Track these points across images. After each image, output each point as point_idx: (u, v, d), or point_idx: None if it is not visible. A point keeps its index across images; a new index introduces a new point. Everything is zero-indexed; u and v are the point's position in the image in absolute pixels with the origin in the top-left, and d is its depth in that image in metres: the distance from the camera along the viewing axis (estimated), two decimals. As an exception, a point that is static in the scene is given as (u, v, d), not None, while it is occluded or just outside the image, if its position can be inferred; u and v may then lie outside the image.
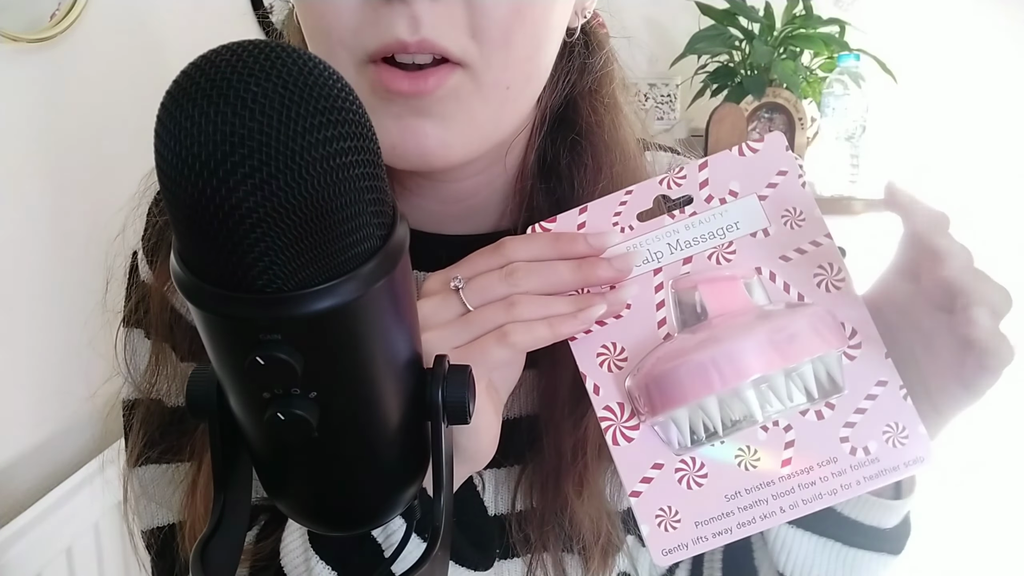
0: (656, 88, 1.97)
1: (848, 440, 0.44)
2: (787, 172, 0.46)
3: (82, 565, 1.08)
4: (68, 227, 1.10)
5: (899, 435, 0.44)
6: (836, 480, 0.44)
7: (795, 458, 0.45)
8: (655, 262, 0.47)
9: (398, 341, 0.31)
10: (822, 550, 0.53)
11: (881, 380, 0.45)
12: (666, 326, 0.46)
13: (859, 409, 0.45)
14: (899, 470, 0.44)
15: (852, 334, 0.45)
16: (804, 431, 0.45)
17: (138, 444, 0.59)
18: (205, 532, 0.32)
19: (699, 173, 0.47)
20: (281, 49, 0.24)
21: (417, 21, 0.42)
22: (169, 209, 0.25)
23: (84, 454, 1.14)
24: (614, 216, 0.47)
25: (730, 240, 0.46)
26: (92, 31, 1.12)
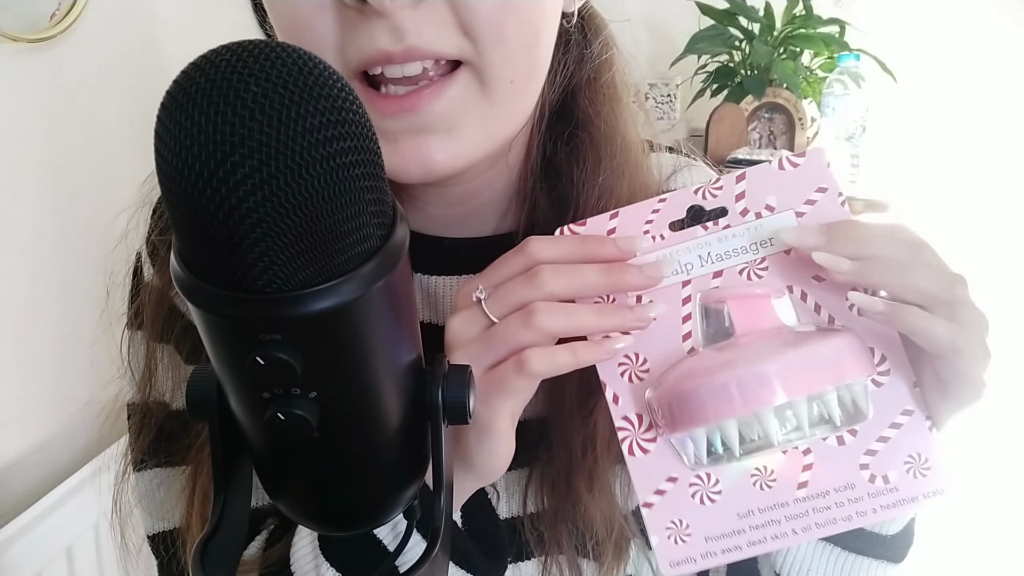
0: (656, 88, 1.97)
1: (868, 468, 0.44)
2: (827, 189, 0.45)
3: (82, 565, 1.08)
4: (68, 227, 1.10)
5: (921, 466, 0.43)
6: (852, 507, 0.44)
7: (812, 481, 0.44)
8: (684, 274, 0.46)
9: (398, 341, 0.31)
10: (821, 554, 0.53)
11: (907, 409, 0.44)
12: (691, 340, 0.45)
13: (882, 437, 0.44)
14: (917, 501, 0.43)
15: (881, 360, 0.44)
16: (823, 455, 0.44)
17: (140, 447, 0.58)
18: (205, 532, 0.32)
19: (736, 185, 0.46)
20: (281, 49, 0.24)
21: (400, 30, 0.40)
22: (169, 209, 0.25)
23: (83, 455, 1.14)
24: (645, 224, 0.46)
25: (763, 256, 0.45)
26: (92, 31, 1.12)
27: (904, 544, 0.52)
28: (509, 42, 0.43)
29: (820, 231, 0.41)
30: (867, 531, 0.51)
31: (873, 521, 0.44)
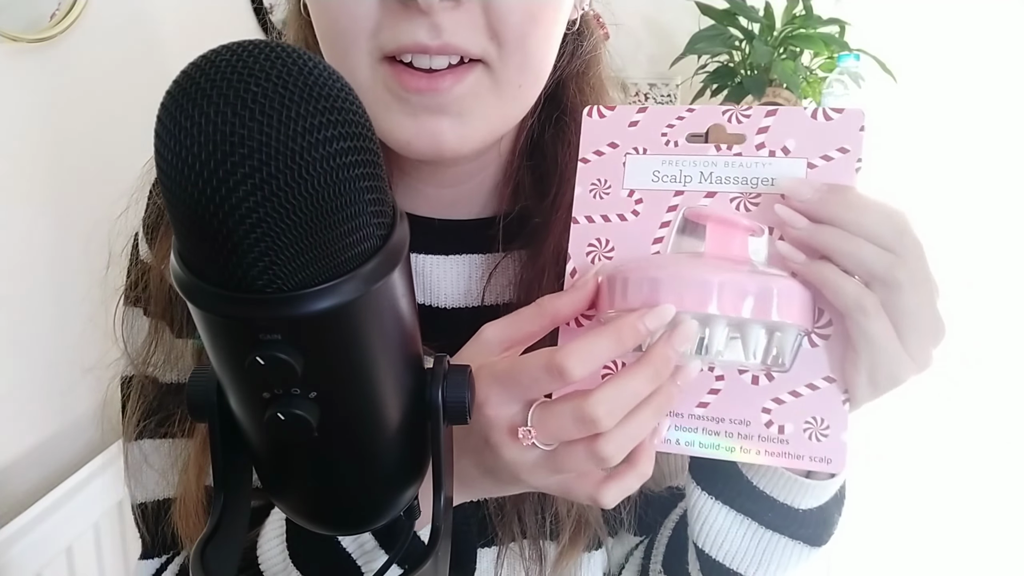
0: (656, 88, 1.97)
1: (769, 413, 0.45)
2: (848, 152, 0.44)
3: (82, 565, 1.08)
4: (68, 227, 1.10)
5: (820, 430, 0.44)
6: (739, 441, 0.45)
7: (713, 404, 0.45)
8: (681, 184, 0.47)
9: (398, 341, 0.31)
10: (737, 527, 0.53)
11: (829, 377, 0.44)
12: (660, 245, 0.46)
13: (795, 392, 0.44)
14: (802, 460, 0.44)
15: (826, 324, 0.44)
16: (733, 387, 0.45)
17: (133, 418, 0.60)
18: (205, 532, 0.32)
19: (763, 119, 0.46)
20: (281, 49, 0.24)
21: (438, 28, 0.44)
22: (169, 209, 0.25)
23: (84, 454, 1.14)
24: (666, 127, 0.47)
25: (759, 192, 0.45)
26: (92, 31, 1.12)
27: (819, 524, 0.52)
28: (528, 52, 0.47)
29: (816, 190, 0.42)
30: (778, 502, 0.51)
31: (752, 461, 0.44)
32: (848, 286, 0.41)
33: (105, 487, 1.11)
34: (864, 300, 0.41)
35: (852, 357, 0.43)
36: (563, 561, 0.58)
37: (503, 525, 0.56)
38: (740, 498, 0.52)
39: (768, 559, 0.53)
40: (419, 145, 0.48)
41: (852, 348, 0.42)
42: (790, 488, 0.50)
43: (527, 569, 0.57)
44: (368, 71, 0.46)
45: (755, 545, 0.53)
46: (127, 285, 0.61)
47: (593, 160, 0.48)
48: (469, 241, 0.59)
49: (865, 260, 0.41)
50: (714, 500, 0.53)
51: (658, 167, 0.47)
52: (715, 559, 0.54)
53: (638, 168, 0.47)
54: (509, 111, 0.50)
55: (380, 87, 0.47)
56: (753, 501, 0.52)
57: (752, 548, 0.53)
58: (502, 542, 0.57)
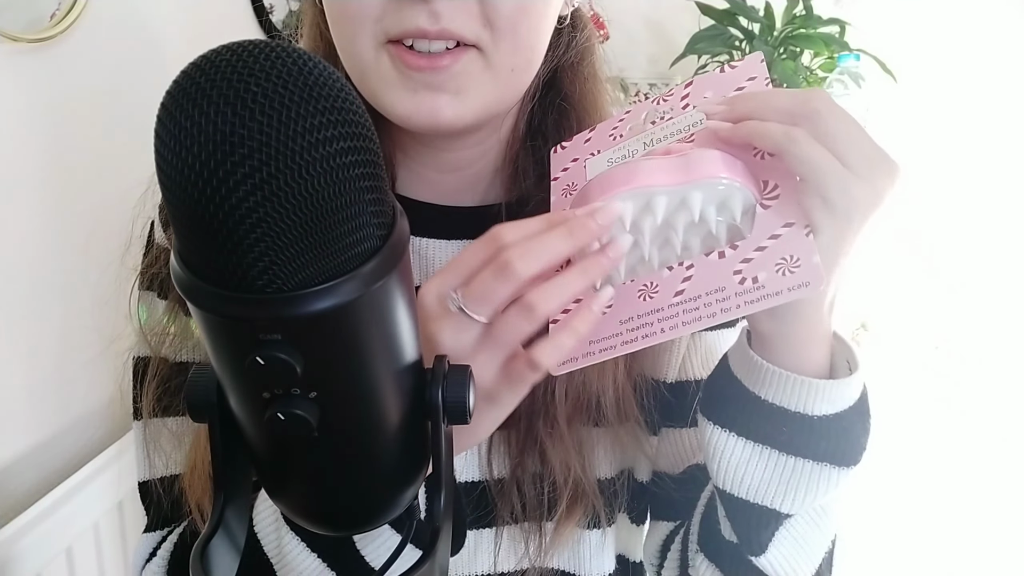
0: (656, 88, 1.97)
1: (740, 272, 0.45)
2: (756, 78, 0.50)
3: (82, 565, 1.08)
4: (68, 227, 1.10)
5: (791, 264, 0.44)
6: (718, 304, 0.45)
7: (688, 288, 0.46)
8: (629, 157, 0.51)
9: (398, 341, 0.31)
10: (756, 458, 0.50)
11: (789, 222, 0.45)
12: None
13: (760, 247, 0.45)
14: (782, 295, 0.44)
15: (774, 188, 0.46)
16: (703, 267, 0.47)
17: (150, 397, 0.62)
18: (205, 532, 0.32)
19: (683, 90, 0.53)
20: (281, 49, 0.24)
21: (437, 15, 0.48)
22: (169, 209, 0.25)
23: (84, 454, 1.14)
24: (612, 130, 0.54)
25: (692, 133, 0.49)
26: (92, 31, 1.12)
27: (840, 437, 0.48)
28: (519, 38, 0.51)
29: (723, 101, 0.47)
30: (791, 411, 0.48)
31: (735, 315, 0.44)
32: (772, 127, 0.43)
33: (105, 487, 1.11)
34: (791, 131, 0.42)
35: (802, 187, 0.43)
36: (560, 532, 0.59)
37: (503, 500, 0.58)
38: (752, 422, 0.49)
39: (794, 485, 0.49)
40: (419, 119, 0.51)
41: (801, 181, 0.43)
42: (801, 393, 0.48)
43: (527, 544, 0.59)
44: (373, 52, 0.51)
45: (778, 473, 0.49)
46: (142, 268, 0.64)
47: (562, 175, 0.55)
48: (471, 226, 0.59)
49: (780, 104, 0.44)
50: (728, 432, 0.50)
51: (610, 156, 0.52)
52: (739, 496, 0.51)
53: (596, 165, 0.52)
54: (503, 92, 0.54)
55: (384, 66, 0.51)
56: (765, 420, 0.49)
57: (775, 477, 0.49)
58: (502, 521, 0.59)
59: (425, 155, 0.60)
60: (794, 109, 0.43)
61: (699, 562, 0.57)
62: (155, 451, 0.63)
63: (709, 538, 0.56)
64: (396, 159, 0.61)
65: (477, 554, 0.60)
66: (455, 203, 0.62)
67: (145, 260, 0.64)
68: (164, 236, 0.62)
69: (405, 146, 0.60)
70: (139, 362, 0.64)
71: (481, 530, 0.60)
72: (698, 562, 0.57)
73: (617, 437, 0.61)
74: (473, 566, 0.60)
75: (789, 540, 0.51)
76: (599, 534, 0.62)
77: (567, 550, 0.61)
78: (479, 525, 0.59)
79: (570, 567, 0.62)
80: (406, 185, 0.62)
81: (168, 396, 0.61)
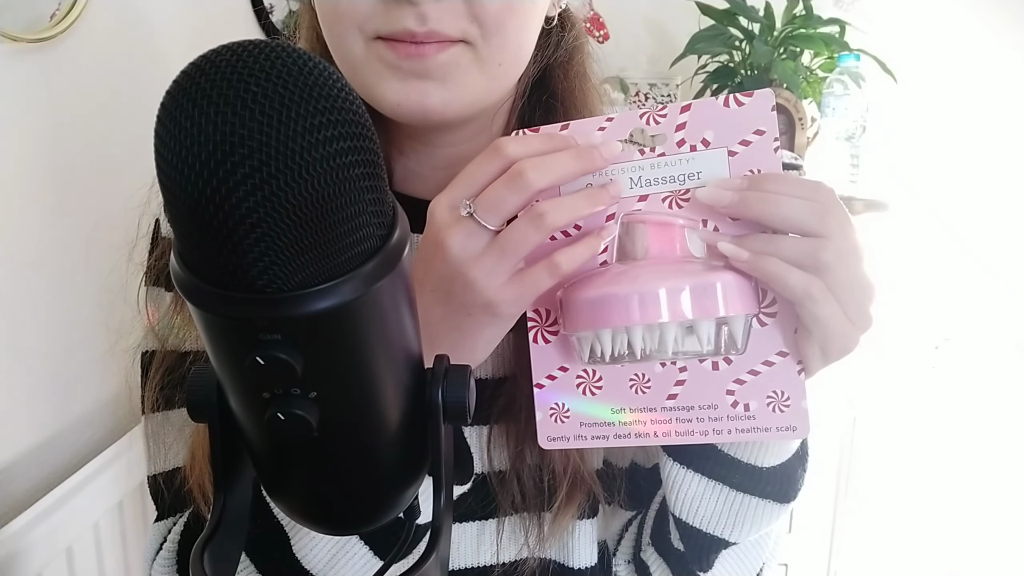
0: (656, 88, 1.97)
1: (733, 394, 0.48)
2: (764, 132, 0.47)
3: (82, 565, 1.08)
4: (69, 227, 1.10)
5: (781, 402, 0.48)
6: (711, 424, 0.48)
7: (681, 395, 0.49)
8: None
9: (398, 341, 0.31)
10: (710, 493, 0.56)
11: (782, 351, 0.48)
12: (606, 255, 0.49)
13: (753, 371, 0.48)
14: (770, 432, 0.48)
15: (771, 303, 0.47)
16: (696, 375, 0.49)
17: (153, 391, 0.63)
18: (205, 532, 0.32)
19: (679, 115, 0.48)
20: (281, 49, 0.24)
21: (424, 16, 0.49)
22: (169, 209, 0.25)
23: (84, 454, 1.14)
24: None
25: (687, 188, 0.48)
26: (92, 31, 1.12)
27: (783, 481, 0.55)
28: (506, 34, 0.52)
29: (734, 192, 0.45)
30: (743, 463, 0.55)
31: (726, 440, 0.50)
32: (793, 277, 0.44)
33: (105, 487, 1.11)
34: (811, 288, 0.44)
35: (804, 335, 0.46)
36: (560, 520, 0.60)
37: (504, 492, 0.59)
38: (709, 464, 0.56)
39: (741, 519, 0.56)
40: (407, 107, 0.52)
41: (803, 328, 0.46)
42: (752, 449, 0.55)
43: (527, 535, 0.60)
44: (363, 48, 0.52)
45: (728, 508, 0.56)
46: (149, 264, 0.65)
47: None
48: None
49: (795, 217, 0.44)
50: (686, 468, 0.57)
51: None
52: (692, 525, 0.57)
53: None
54: (491, 85, 0.54)
55: (373, 59, 0.52)
56: (721, 465, 0.56)
57: (725, 511, 0.56)
58: (503, 512, 0.60)
59: (420, 152, 0.61)
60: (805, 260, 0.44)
61: (649, 553, 0.63)
62: (157, 445, 0.64)
63: (660, 538, 0.62)
64: (392, 156, 0.62)
65: (480, 545, 0.61)
66: None
67: (152, 256, 0.65)
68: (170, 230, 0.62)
69: (401, 144, 0.61)
70: (145, 356, 0.65)
71: (484, 521, 0.61)
72: (648, 553, 0.63)
73: None
74: (477, 557, 0.61)
75: (732, 558, 0.59)
76: (590, 524, 0.63)
77: (559, 541, 0.62)
78: (481, 516, 0.61)
79: (560, 558, 0.63)
80: (402, 183, 0.63)
81: (170, 388, 0.62)
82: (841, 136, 1.70)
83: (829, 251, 0.43)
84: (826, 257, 0.43)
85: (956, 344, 1.77)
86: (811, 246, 0.44)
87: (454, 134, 0.60)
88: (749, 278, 0.46)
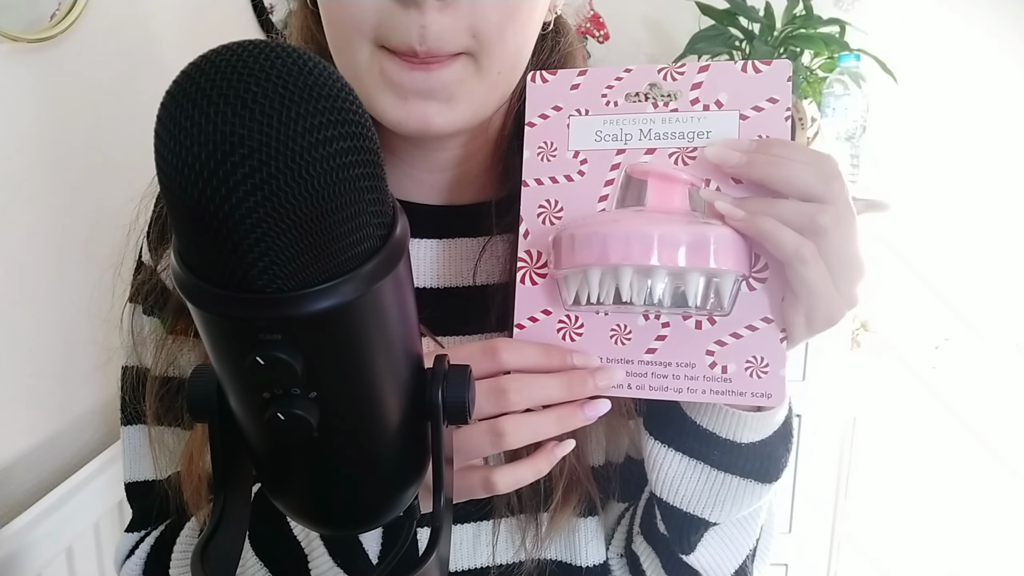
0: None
1: (713, 355, 0.47)
2: (777, 101, 0.47)
3: (82, 565, 1.08)
4: (68, 227, 1.10)
5: (760, 367, 0.47)
6: (686, 382, 0.48)
7: (660, 350, 0.48)
8: (622, 143, 0.49)
9: (398, 341, 0.31)
10: (691, 472, 0.55)
11: (767, 317, 0.47)
12: (605, 202, 0.49)
13: (735, 334, 0.47)
14: (744, 397, 0.47)
15: (763, 268, 0.47)
16: (678, 332, 0.48)
17: (127, 405, 0.66)
18: (205, 532, 0.32)
19: (697, 75, 0.49)
20: (281, 49, 0.24)
21: (425, 32, 0.49)
22: (169, 209, 0.25)
23: (84, 454, 1.14)
24: (606, 88, 0.50)
25: (695, 146, 0.48)
26: (92, 31, 1.12)
27: (764, 459, 0.54)
28: (505, 43, 0.52)
29: (743, 153, 0.46)
30: (721, 438, 0.53)
31: (699, 400, 0.48)
32: (786, 237, 0.44)
33: (105, 487, 1.11)
34: (802, 249, 0.44)
35: (791, 300, 0.46)
36: (557, 520, 0.60)
37: (499, 496, 0.58)
38: (689, 441, 0.55)
39: (722, 499, 0.55)
40: (409, 126, 0.52)
41: (791, 292, 0.46)
42: (731, 423, 0.53)
43: (524, 537, 0.60)
44: (367, 56, 0.51)
45: (708, 487, 0.55)
46: (132, 286, 0.66)
47: (539, 124, 0.51)
48: (461, 225, 0.63)
49: (801, 181, 0.44)
50: (667, 447, 0.56)
51: (600, 127, 0.49)
52: (673, 505, 0.56)
53: (581, 129, 0.50)
54: (491, 95, 0.55)
55: (376, 71, 0.51)
56: (700, 442, 0.54)
57: (705, 490, 0.55)
58: (499, 514, 0.60)
59: (416, 155, 0.61)
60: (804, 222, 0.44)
61: (639, 543, 0.63)
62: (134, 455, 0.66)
63: (647, 526, 0.62)
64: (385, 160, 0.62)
65: (476, 547, 0.61)
66: (445, 202, 0.63)
67: (135, 279, 0.66)
68: (151, 257, 0.64)
69: (394, 148, 0.61)
70: (124, 370, 0.66)
71: (479, 523, 0.61)
72: (638, 542, 0.63)
73: (610, 424, 0.62)
74: (473, 559, 0.61)
75: (716, 540, 0.58)
76: (594, 522, 0.63)
77: (562, 540, 0.62)
78: (477, 518, 0.61)
79: (565, 556, 0.63)
80: (394, 186, 0.63)
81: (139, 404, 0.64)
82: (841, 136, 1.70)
83: (828, 215, 0.44)
84: (824, 220, 0.43)
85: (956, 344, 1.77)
86: (810, 208, 0.44)
87: (451, 139, 0.60)
88: (743, 239, 0.46)
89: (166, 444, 0.63)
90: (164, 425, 0.63)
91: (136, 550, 0.66)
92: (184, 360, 0.62)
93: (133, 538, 0.67)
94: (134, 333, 0.65)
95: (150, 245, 0.64)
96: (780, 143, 0.46)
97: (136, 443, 0.66)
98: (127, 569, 0.65)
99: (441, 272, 0.62)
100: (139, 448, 0.66)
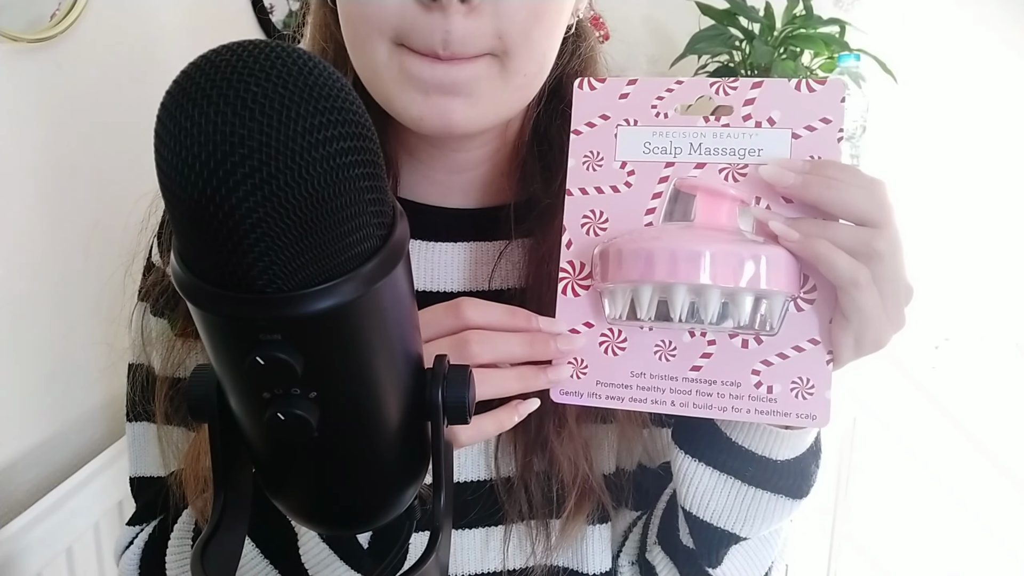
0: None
1: (759, 375, 0.47)
2: (830, 122, 0.47)
3: (82, 565, 1.08)
4: (69, 227, 1.10)
5: (805, 388, 0.47)
6: (731, 401, 0.47)
7: (705, 368, 0.48)
8: (671, 156, 0.48)
9: (398, 341, 0.31)
10: (721, 486, 0.55)
11: (814, 339, 0.47)
12: (652, 216, 0.49)
13: (782, 354, 0.47)
14: (789, 417, 0.47)
15: (811, 289, 0.46)
16: (724, 351, 0.47)
17: (131, 402, 0.65)
18: (205, 532, 0.32)
19: (750, 91, 0.48)
20: (281, 49, 0.24)
21: (449, 37, 0.48)
22: (169, 209, 0.25)
23: (84, 454, 1.14)
24: (656, 99, 0.49)
25: (746, 163, 0.47)
26: (92, 31, 1.12)
27: (797, 476, 0.54)
28: (532, 46, 0.51)
29: (797, 173, 0.45)
30: (756, 455, 0.53)
31: (744, 419, 0.48)
32: (842, 261, 0.43)
33: (105, 487, 1.11)
34: (857, 274, 0.43)
35: (841, 323, 0.46)
36: (568, 529, 0.59)
37: (511, 502, 0.59)
38: (721, 456, 0.54)
39: (752, 514, 0.55)
40: (430, 122, 0.51)
41: (841, 315, 0.45)
42: (767, 440, 0.53)
43: (534, 544, 0.60)
44: (387, 54, 0.50)
45: (739, 502, 0.54)
46: (142, 286, 0.65)
47: (585, 132, 0.50)
48: (478, 229, 0.62)
49: (856, 206, 0.44)
50: (697, 462, 0.55)
51: (649, 139, 0.49)
52: (702, 519, 0.56)
53: (629, 140, 0.49)
54: (515, 97, 0.54)
55: (395, 68, 0.50)
56: (734, 458, 0.54)
57: (736, 505, 0.55)
58: (510, 520, 0.59)
59: (435, 156, 0.61)
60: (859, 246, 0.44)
61: (656, 553, 0.62)
62: (138, 451, 0.66)
63: (667, 536, 0.61)
64: (401, 161, 0.61)
65: (487, 552, 0.61)
66: (462, 205, 0.63)
67: (144, 280, 0.65)
68: (160, 256, 0.63)
69: (412, 148, 0.60)
70: (130, 367, 0.66)
71: (491, 528, 0.60)
72: (655, 552, 0.62)
73: (623, 432, 0.61)
74: (482, 564, 0.61)
75: (741, 555, 0.58)
76: (603, 529, 0.62)
77: (571, 547, 0.62)
78: (489, 523, 0.60)
79: (573, 564, 0.62)
80: (412, 188, 0.62)
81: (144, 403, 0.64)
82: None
83: (883, 240, 0.44)
84: (880, 246, 0.43)
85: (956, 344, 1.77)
86: (866, 234, 0.44)
87: (470, 140, 0.59)
88: (794, 260, 0.45)
89: (174, 442, 0.63)
90: (173, 425, 0.63)
91: (134, 541, 0.66)
92: (192, 362, 0.62)
93: (134, 531, 0.67)
94: (143, 333, 0.65)
95: (161, 246, 0.64)
96: (835, 165, 0.46)
97: (142, 439, 0.66)
98: (124, 560, 0.65)
99: (457, 276, 0.62)
100: (145, 444, 0.66)
